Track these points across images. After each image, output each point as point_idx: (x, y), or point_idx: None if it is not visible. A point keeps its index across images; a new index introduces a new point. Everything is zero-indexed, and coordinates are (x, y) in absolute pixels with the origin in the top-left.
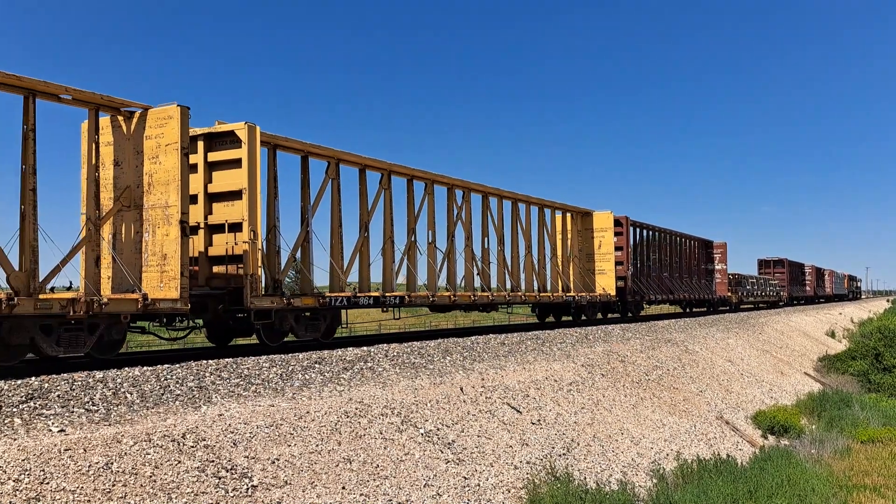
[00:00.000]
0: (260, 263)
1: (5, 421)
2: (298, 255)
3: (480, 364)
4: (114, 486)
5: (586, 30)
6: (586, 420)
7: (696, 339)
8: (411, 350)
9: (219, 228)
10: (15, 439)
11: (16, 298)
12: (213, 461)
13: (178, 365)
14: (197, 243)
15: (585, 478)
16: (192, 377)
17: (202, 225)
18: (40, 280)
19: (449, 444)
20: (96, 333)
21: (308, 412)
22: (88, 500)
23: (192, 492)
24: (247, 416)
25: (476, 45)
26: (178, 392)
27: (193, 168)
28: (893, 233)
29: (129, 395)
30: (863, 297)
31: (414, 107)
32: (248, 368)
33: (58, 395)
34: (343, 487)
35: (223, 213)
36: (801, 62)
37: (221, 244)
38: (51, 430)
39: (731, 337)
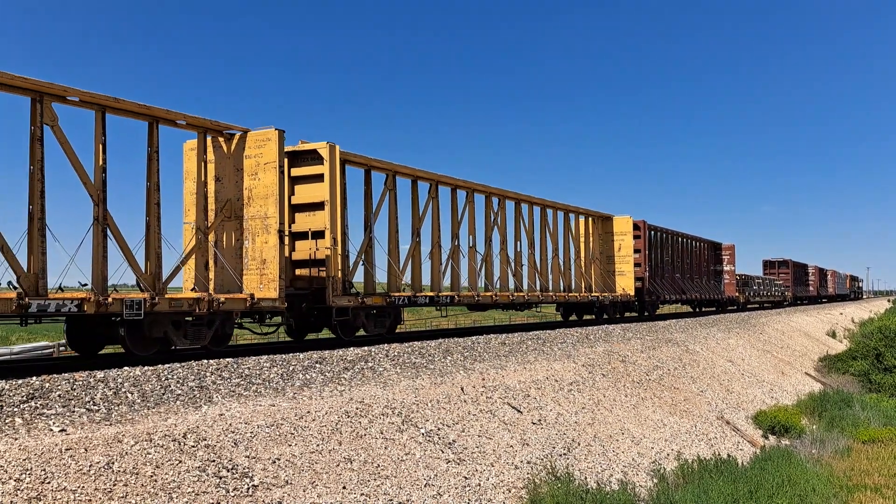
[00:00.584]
0: (340, 267)
1: (7, 420)
2: (362, 258)
3: (481, 364)
4: (115, 485)
5: (586, 30)
6: (587, 420)
7: (696, 339)
8: (412, 350)
9: (301, 236)
10: (16, 439)
11: (157, 298)
12: (213, 461)
13: (178, 364)
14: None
15: (586, 478)
16: (192, 377)
17: (287, 233)
18: (162, 281)
19: (450, 443)
20: (213, 328)
21: (309, 412)
22: (89, 500)
23: (193, 491)
24: (248, 415)
25: (476, 45)
26: (179, 392)
27: None
28: (894, 233)
29: (129, 395)
30: (864, 297)
31: (414, 107)
32: (248, 368)
33: (59, 395)
34: (344, 487)
35: (305, 222)
36: (801, 62)
37: (304, 250)
38: (52, 430)
39: (732, 337)
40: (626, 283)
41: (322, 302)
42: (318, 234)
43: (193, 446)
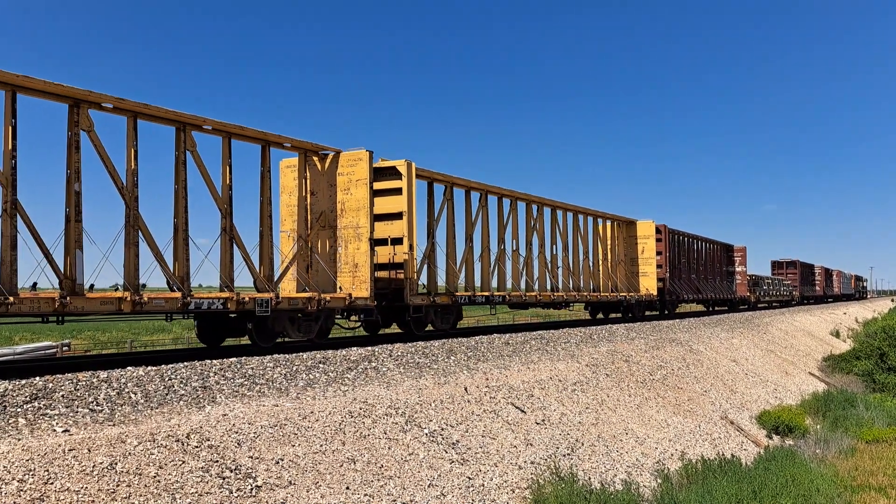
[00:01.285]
0: (415, 269)
1: (10, 421)
2: (426, 261)
3: (485, 364)
4: (118, 486)
5: (586, 30)
6: (590, 420)
7: (700, 339)
8: (415, 350)
9: (380, 242)
10: (19, 439)
11: (280, 297)
12: (217, 461)
13: (182, 365)
14: None
15: (590, 478)
16: (196, 377)
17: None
18: (274, 282)
19: (453, 444)
20: (318, 323)
21: (312, 412)
22: (93, 501)
23: (197, 492)
24: (251, 416)
25: (476, 45)
26: (183, 392)
27: None
28: None
29: (133, 396)
30: (868, 296)
31: (414, 106)
32: (252, 368)
33: (62, 395)
34: (347, 487)
35: (384, 229)
36: (802, 62)
37: (383, 254)
38: (55, 431)
39: (736, 337)
40: (648, 284)
41: (399, 300)
42: (397, 241)
43: (197, 447)
